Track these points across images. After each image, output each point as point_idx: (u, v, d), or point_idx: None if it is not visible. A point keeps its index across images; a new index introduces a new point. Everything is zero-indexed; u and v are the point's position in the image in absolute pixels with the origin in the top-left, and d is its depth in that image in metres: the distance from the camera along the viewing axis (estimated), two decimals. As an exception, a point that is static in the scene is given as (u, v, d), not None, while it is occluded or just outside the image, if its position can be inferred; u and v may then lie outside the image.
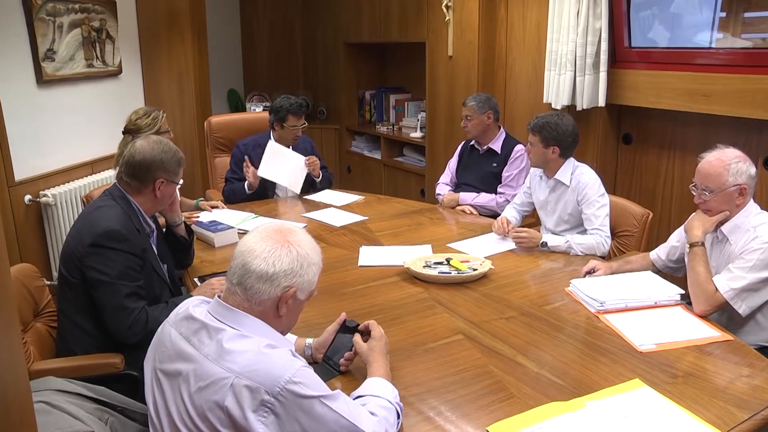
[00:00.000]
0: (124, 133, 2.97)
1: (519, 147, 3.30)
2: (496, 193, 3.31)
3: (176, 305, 1.45)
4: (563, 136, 2.66)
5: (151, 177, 2.06)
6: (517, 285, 2.26)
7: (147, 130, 2.87)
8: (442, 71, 4.35)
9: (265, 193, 3.49)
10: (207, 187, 4.17)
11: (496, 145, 3.34)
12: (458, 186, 3.45)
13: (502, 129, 3.39)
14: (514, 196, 3.11)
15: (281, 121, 3.44)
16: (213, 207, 3.24)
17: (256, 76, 6.21)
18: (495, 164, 3.32)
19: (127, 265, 1.92)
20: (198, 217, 2.92)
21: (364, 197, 3.48)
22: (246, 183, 3.40)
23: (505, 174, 3.31)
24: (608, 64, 3.36)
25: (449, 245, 2.67)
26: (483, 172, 3.36)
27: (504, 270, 2.39)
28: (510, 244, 2.66)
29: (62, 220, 3.65)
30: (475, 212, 3.24)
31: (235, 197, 3.44)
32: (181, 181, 2.20)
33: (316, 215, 3.14)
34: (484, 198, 3.29)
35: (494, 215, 3.17)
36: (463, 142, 3.54)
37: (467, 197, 3.31)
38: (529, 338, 1.85)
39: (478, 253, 2.54)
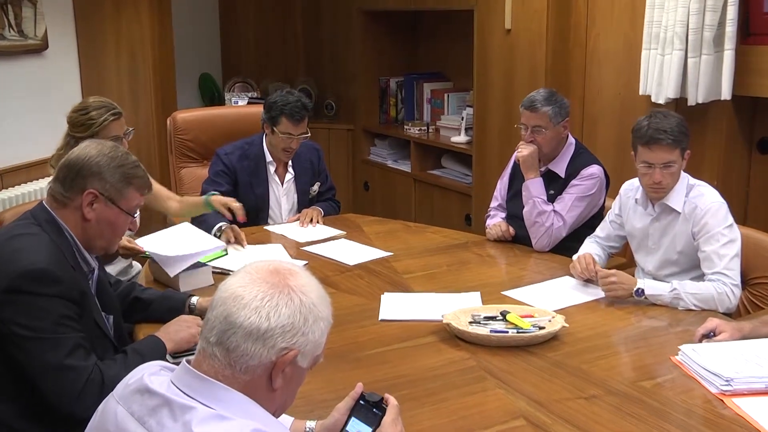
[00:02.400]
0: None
1: (593, 170, 3.16)
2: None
3: (141, 356, 1.45)
4: (687, 134, 2.65)
5: (78, 185, 2.01)
6: (601, 350, 2.25)
7: (78, 132, 2.87)
8: (497, 51, 4.39)
9: (254, 218, 3.51)
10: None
11: (560, 167, 3.20)
12: (508, 218, 3.35)
13: (571, 139, 3.27)
14: (561, 228, 3.11)
15: (272, 123, 3.49)
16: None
17: (238, 57, 6.32)
18: (552, 191, 3.18)
19: (62, 314, 1.92)
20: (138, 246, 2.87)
21: (345, 232, 3.39)
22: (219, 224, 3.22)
23: (557, 200, 3.16)
24: (737, 39, 3.34)
25: (505, 293, 2.67)
26: None
27: (583, 329, 2.38)
28: (590, 294, 2.65)
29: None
30: (508, 231, 3.23)
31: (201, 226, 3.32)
32: (138, 214, 2.17)
33: (322, 249, 3.17)
34: (545, 206, 3.12)
35: (523, 238, 3.17)
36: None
37: (539, 188, 3.15)
38: (620, 427, 1.83)
39: (545, 304, 2.54)
